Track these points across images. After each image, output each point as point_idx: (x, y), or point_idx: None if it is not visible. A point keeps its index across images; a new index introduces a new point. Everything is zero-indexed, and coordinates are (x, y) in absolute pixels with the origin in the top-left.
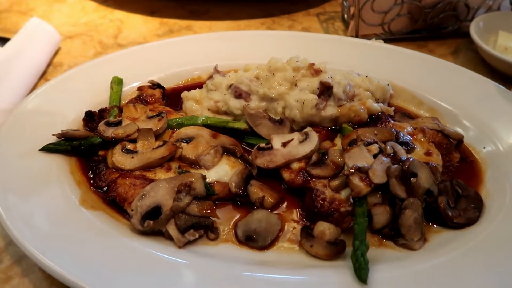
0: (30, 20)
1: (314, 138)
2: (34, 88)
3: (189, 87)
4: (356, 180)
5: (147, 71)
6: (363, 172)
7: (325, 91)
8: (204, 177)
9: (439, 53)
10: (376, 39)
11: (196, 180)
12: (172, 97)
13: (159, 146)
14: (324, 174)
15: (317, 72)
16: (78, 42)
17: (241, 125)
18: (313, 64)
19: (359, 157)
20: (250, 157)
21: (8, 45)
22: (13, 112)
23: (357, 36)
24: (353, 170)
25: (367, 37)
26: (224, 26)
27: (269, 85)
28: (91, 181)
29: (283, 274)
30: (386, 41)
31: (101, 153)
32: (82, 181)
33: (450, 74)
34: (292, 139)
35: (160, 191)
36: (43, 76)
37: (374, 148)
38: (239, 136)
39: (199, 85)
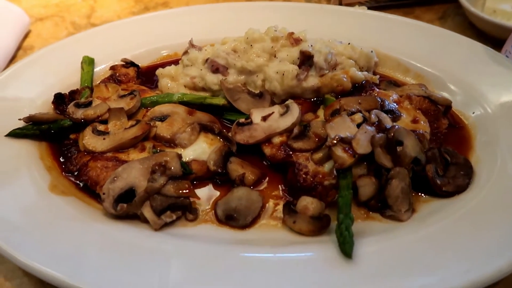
0: None
1: (295, 110)
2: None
3: (164, 65)
4: (339, 152)
5: (120, 50)
6: (346, 142)
7: (305, 60)
8: (179, 156)
9: (426, 19)
10: (359, 5)
11: (171, 159)
12: (147, 76)
13: (132, 126)
14: (306, 147)
15: (297, 41)
16: (49, 24)
17: (219, 100)
18: (292, 33)
19: (342, 127)
20: (229, 133)
21: None
22: None
23: (340, 5)
24: (335, 141)
25: (351, 5)
26: (202, 1)
27: (247, 57)
28: (63, 166)
29: (265, 253)
30: (372, 9)
31: (72, 136)
32: (53, 166)
33: (436, 38)
34: (273, 113)
35: (133, 172)
36: (12, 60)
37: (358, 117)
38: (218, 112)
39: (175, 62)
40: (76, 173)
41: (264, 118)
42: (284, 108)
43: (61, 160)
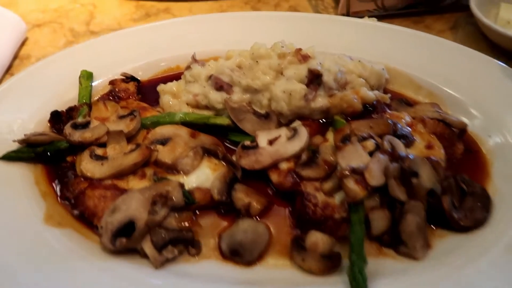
0: None
1: (303, 134)
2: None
3: (166, 79)
4: (351, 184)
5: (120, 62)
6: (358, 173)
7: (314, 79)
8: (182, 185)
9: (437, 29)
10: (368, 16)
11: (173, 188)
12: (148, 91)
13: (132, 151)
14: (316, 175)
15: (305, 58)
16: (47, 30)
17: (224, 120)
18: (300, 49)
19: (354, 156)
20: (233, 156)
21: None
22: None
23: (348, 13)
24: (347, 172)
25: (359, 14)
26: (206, 7)
27: (252, 74)
28: (59, 192)
29: None
30: (380, 18)
31: (69, 159)
32: (49, 192)
33: (450, 54)
34: (280, 136)
35: (133, 203)
36: (8, 70)
37: (370, 144)
38: (222, 133)
39: (178, 76)
40: (72, 201)
41: (271, 142)
42: (291, 132)
43: (57, 184)
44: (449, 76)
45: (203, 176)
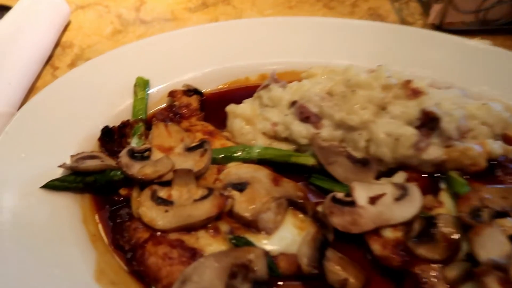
0: None
1: (415, 196)
2: (38, 78)
3: (233, 94)
4: (493, 285)
5: (179, 68)
6: (501, 270)
7: (427, 123)
8: (267, 254)
9: None
10: (480, 38)
11: (256, 258)
12: (211, 106)
13: (203, 198)
14: (435, 255)
15: (416, 93)
16: (91, 14)
17: (308, 160)
18: (409, 81)
19: (494, 244)
20: (320, 208)
21: (5, 19)
22: (5, 129)
23: (441, 24)
24: (488, 269)
25: (452, 26)
26: (271, 0)
27: (347, 107)
28: (111, 235)
29: None
30: (479, 32)
31: (123, 192)
32: (98, 235)
33: None
34: (384, 194)
35: (207, 273)
36: (49, 61)
37: (509, 224)
38: (302, 171)
39: (247, 92)
40: (128, 254)
41: (372, 200)
42: (399, 190)
43: (109, 223)
44: None
45: (289, 238)
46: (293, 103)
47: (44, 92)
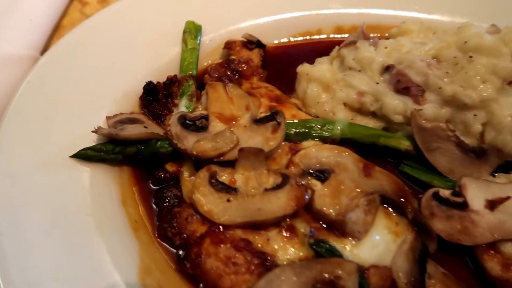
0: None
1: None
2: (64, 15)
3: (303, 50)
4: None
5: (238, 14)
6: None
7: None
8: (359, 270)
9: None
10: None
11: (346, 274)
12: (273, 63)
13: (276, 187)
14: None
15: None
16: None
17: (402, 143)
18: None
19: None
20: (415, 204)
21: None
22: (26, 78)
23: None
24: None
25: None
26: None
27: (463, 78)
28: (156, 223)
29: None
30: None
31: (170, 168)
32: (140, 221)
33: None
34: (508, 198)
35: None
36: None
37: None
38: (392, 155)
39: (318, 47)
40: (179, 248)
41: (491, 205)
42: None
43: (153, 205)
44: None
45: (381, 245)
46: (388, 68)
47: (72, 34)
